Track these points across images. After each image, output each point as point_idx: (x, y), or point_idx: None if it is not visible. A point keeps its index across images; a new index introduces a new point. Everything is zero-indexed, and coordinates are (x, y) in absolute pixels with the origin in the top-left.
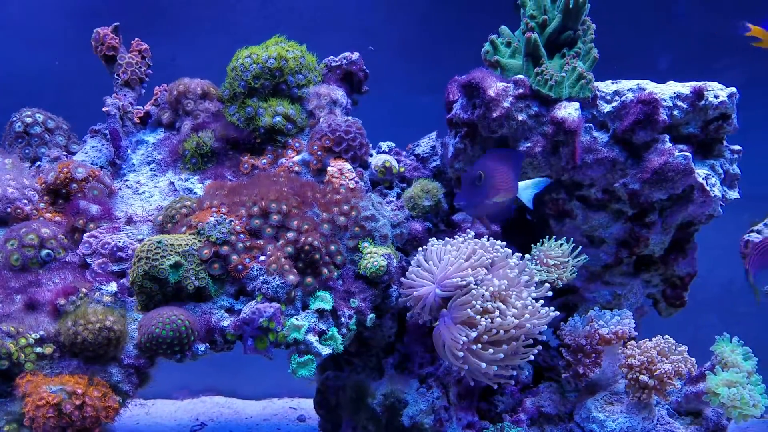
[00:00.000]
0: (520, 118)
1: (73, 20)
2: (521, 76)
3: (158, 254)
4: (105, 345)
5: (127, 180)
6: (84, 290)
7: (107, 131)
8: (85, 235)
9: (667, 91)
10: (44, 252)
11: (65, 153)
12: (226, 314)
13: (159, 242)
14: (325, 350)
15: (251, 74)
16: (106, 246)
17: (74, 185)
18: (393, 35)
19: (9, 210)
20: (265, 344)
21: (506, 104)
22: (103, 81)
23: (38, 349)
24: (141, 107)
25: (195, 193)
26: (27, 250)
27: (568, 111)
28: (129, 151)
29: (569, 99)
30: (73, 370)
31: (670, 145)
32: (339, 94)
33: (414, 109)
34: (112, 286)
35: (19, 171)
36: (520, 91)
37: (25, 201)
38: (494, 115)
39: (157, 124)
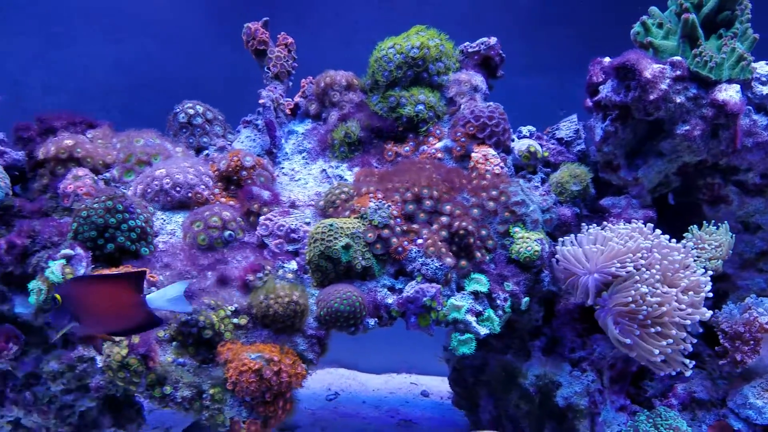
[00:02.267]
0: (678, 100)
1: (203, 18)
2: (678, 58)
3: (331, 236)
4: (292, 317)
5: (282, 168)
6: (269, 268)
7: (258, 122)
8: (261, 218)
9: None
10: (227, 233)
11: (228, 142)
12: (388, 292)
13: (331, 225)
14: (483, 330)
15: (395, 64)
16: (281, 228)
17: (244, 173)
18: (501, 20)
19: (190, 195)
20: (428, 322)
21: (663, 86)
22: (238, 74)
23: (235, 320)
24: (290, 99)
25: (345, 179)
26: (212, 231)
27: (730, 93)
28: (282, 140)
29: (729, 81)
30: (264, 340)
31: None
32: (478, 80)
33: (518, 90)
34: (293, 264)
35: (189, 159)
36: (678, 72)
37: (203, 186)
38: (651, 97)
39: (304, 114)
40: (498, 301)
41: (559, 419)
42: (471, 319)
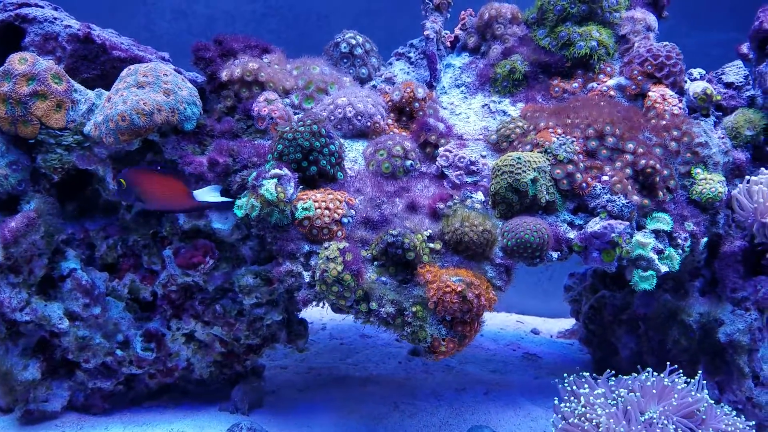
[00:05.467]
0: None
1: None
2: None
3: (519, 169)
4: (483, 245)
5: (441, 101)
6: (456, 197)
7: (410, 54)
8: (440, 149)
9: None
10: (408, 162)
11: (392, 74)
12: (568, 227)
13: (519, 158)
14: (664, 268)
15: None
16: (461, 159)
17: (416, 104)
18: None
19: (369, 124)
20: (612, 257)
21: None
22: (362, 6)
23: (431, 245)
24: (449, 31)
25: (509, 114)
26: (395, 160)
27: None
28: (441, 74)
29: None
30: (456, 265)
31: None
32: (651, 19)
33: None
34: (479, 195)
35: (363, 89)
36: None
37: (379, 116)
38: None
39: (462, 48)
40: (679, 240)
41: (714, 355)
42: (654, 256)
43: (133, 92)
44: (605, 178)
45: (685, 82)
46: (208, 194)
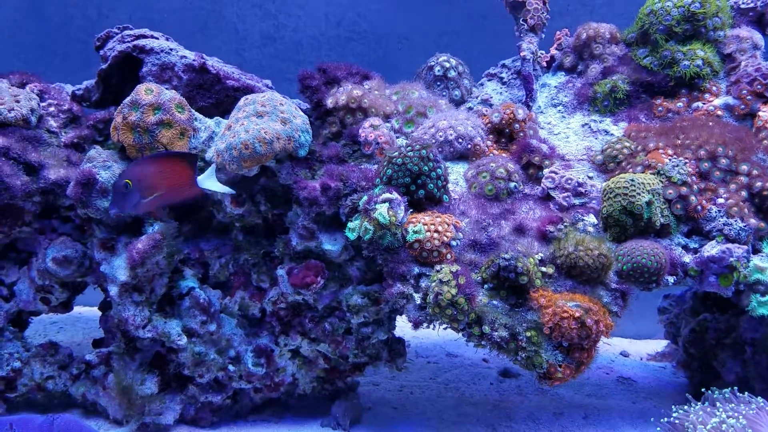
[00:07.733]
0: None
1: None
2: None
3: (634, 191)
4: (599, 269)
5: (539, 121)
6: (567, 220)
7: (502, 75)
8: (545, 170)
9: None
10: (512, 184)
11: (488, 95)
12: (683, 251)
13: (632, 180)
14: None
15: (673, 18)
16: (569, 181)
17: (516, 125)
18: None
19: (469, 146)
20: (730, 282)
21: None
22: (444, 27)
23: (543, 269)
24: (543, 51)
25: (611, 134)
26: (498, 182)
27: None
28: (537, 93)
29: None
30: (569, 290)
31: None
32: (758, 37)
33: None
34: (592, 218)
35: (461, 111)
36: None
37: (479, 138)
38: None
39: (557, 67)
40: None
41: None
42: None
43: (253, 121)
44: (720, 200)
45: None
46: (212, 181)
